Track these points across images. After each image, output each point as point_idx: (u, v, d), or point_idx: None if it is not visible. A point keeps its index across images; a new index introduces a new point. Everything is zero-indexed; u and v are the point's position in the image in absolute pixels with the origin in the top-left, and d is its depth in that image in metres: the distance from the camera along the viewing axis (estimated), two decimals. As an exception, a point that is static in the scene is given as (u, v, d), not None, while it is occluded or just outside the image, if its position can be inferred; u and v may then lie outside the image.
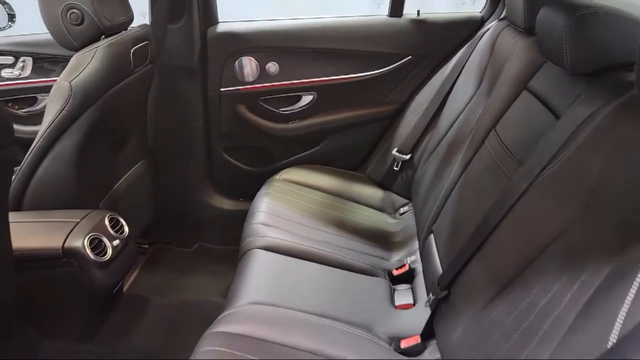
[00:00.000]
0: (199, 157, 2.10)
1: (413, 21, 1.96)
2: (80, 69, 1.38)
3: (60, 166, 1.42)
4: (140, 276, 1.94)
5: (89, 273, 1.29)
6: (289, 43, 1.99)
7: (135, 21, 1.67)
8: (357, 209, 1.80)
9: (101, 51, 1.42)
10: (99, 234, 1.33)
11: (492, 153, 1.25)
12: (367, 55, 1.98)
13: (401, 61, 1.98)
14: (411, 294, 1.42)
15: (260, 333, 1.12)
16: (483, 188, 1.22)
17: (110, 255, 1.33)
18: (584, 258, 0.80)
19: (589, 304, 0.74)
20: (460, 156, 1.44)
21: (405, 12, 1.97)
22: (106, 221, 1.39)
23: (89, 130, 1.43)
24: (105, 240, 1.34)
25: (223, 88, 1.99)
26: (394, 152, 1.92)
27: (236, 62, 1.97)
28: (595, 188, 0.83)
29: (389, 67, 1.98)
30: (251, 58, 1.97)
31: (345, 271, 1.45)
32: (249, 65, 1.98)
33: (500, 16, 1.79)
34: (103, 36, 1.47)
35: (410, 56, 1.97)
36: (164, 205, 2.05)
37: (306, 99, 2.04)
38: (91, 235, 1.31)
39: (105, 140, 1.58)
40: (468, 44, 1.83)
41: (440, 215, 1.41)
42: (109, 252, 1.33)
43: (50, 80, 1.93)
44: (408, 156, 1.89)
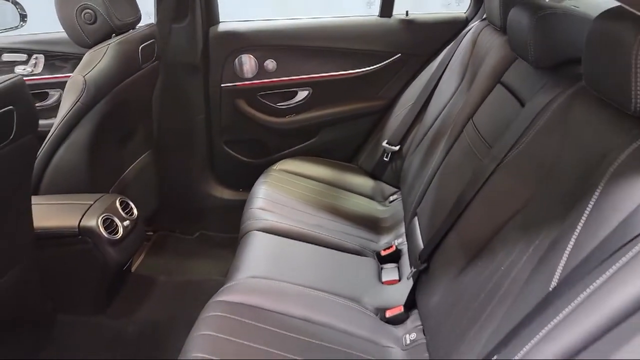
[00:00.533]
0: (200, 149, 2.20)
1: (402, 21, 2.08)
2: (93, 65, 1.50)
3: (75, 154, 1.54)
4: (146, 260, 2.05)
5: (102, 250, 1.41)
6: (286, 41, 2.10)
7: (141, 21, 1.79)
8: (349, 197, 1.92)
9: (112, 48, 1.55)
10: (111, 215, 1.45)
11: (469, 140, 1.37)
12: (359, 53, 2.10)
13: (391, 59, 2.09)
14: (397, 271, 1.54)
15: (257, 302, 1.23)
16: (460, 171, 1.34)
17: (121, 234, 1.45)
18: (538, 226, 0.92)
19: (540, 262, 0.86)
20: (442, 145, 1.56)
21: (395, 13, 2.08)
22: (117, 204, 1.51)
23: (100, 121, 1.55)
24: (116, 220, 1.46)
25: (224, 84, 2.10)
26: (384, 144, 2.03)
27: (236, 60, 2.08)
28: (550, 166, 0.96)
29: (380, 65, 2.10)
30: (250, 56, 2.08)
31: (336, 251, 1.57)
32: (248, 62, 2.09)
33: (482, 16, 1.91)
34: (114, 34, 1.60)
35: (400, 54, 2.08)
36: (168, 194, 2.16)
37: (302, 95, 2.15)
38: (104, 216, 1.43)
39: (115, 131, 1.70)
40: (452, 42, 1.95)
41: (424, 199, 1.53)
42: (120, 231, 1.46)
43: (60, 77, 2.03)
44: (397, 147, 2.01)
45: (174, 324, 1.54)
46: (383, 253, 1.61)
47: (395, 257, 1.59)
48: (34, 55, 2.05)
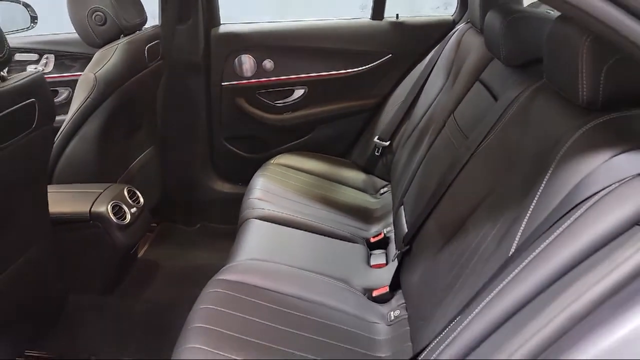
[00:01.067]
0: (202, 145, 2.30)
1: (393, 23, 2.19)
2: (103, 63, 1.62)
3: (85, 146, 1.66)
4: (150, 250, 2.16)
5: (112, 234, 1.53)
6: (283, 42, 2.20)
7: (147, 22, 1.91)
8: (342, 189, 2.02)
9: (121, 48, 1.66)
10: (120, 202, 1.57)
11: (449, 133, 1.49)
12: (352, 53, 2.20)
13: (382, 59, 2.20)
14: (385, 256, 1.65)
15: (255, 281, 1.33)
16: (441, 162, 1.45)
17: (129, 220, 1.57)
18: (502, 207, 1.03)
19: (502, 237, 0.97)
20: (427, 139, 1.67)
21: (386, 16, 2.20)
22: (125, 192, 1.63)
23: (109, 116, 1.67)
24: (124, 207, 1.58)
25: (224, 82, 2.20)
26: (376, 140, 2.14)
27: (236, 59, 2.18)
28: (514, 154, 1.07)
29: (372, 65, 2.20)
30: (249, 56, 2.18)
31: (328, 237, 1.68)
32: (247, 62, 2.19)
33: (468, 19, 2.02)
34: (122, 35, 1.71)
35: (390, 54, 2.19)
36: (170, 187, 2.26)
37: (298, 93, 2.25)
38: (113, 203, 1.55)
39: (122, 126, 1.82)
40: (440, 43, 2.07)
41: (410, 188, 1.64)
42: (128, 217, 1.57)
43: (70, 75, 2.13)
44: (387, 143, 2.12)
45: (178, 303, 1.65)
46: (372, 240, 1.72)
47: (383, 244, 1.70)
48: (45, 55, 2.13)
